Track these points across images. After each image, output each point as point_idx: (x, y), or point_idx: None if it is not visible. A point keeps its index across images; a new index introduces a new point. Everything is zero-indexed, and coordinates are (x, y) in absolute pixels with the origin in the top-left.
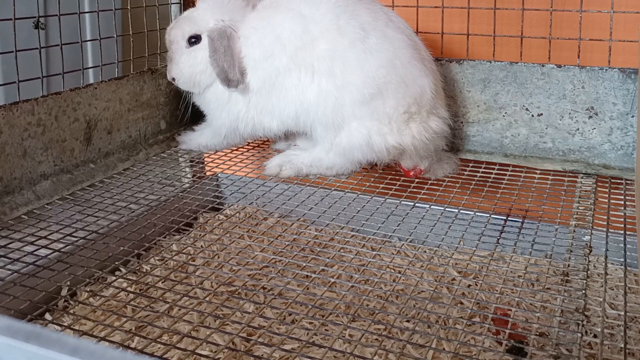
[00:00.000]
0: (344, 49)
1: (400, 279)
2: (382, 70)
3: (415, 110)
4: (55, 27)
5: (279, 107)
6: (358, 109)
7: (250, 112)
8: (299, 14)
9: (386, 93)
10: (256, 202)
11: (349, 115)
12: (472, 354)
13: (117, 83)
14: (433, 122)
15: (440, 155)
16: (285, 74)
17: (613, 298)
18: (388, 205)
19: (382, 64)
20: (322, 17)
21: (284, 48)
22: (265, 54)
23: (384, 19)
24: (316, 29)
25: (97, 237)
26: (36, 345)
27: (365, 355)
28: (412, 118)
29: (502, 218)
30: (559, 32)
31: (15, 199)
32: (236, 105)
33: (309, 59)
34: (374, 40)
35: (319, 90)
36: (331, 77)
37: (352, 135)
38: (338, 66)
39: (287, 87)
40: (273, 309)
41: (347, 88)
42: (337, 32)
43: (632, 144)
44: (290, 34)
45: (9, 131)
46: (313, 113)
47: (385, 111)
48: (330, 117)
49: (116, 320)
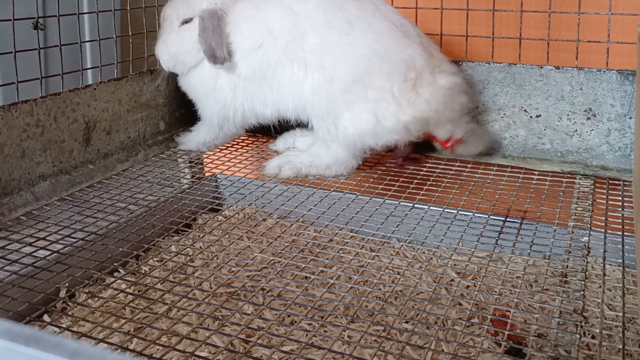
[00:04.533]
0: (332, 42)
1: (399, 280)
2: (363, 59)
3: (415, 75)
4: (54, 28)
5: (272, 98)
6: (347, 95)
7: (238, 99)
8: (288, 8)
9: (370, 74)
10: (255, 203)
11: (341, 103)
12: (470, 355)
13: (116, 84)
14: (441, 79)
15: (474, 128)
16: (277, 67)
17: (611, 299)
18: (387, 206)
19: (363, 53)
20: (311, 11)
21: (275, 41)
22: (255, 44)
23: (371, 10)
24: (306, 23)
25: (95, 238)
26: (36, 348)
27: (365, 357)
28: (417, 84)
29: (500, 219)
30: (557, 33)
31: (14, 200)
32: (222, 92)
33: (301, 53)
34: (358, 32)
35: (312, 85)
36: (322, 70)
37: (357, 123)
38: (327, 59)
39: (280, 80)
40: (272, 310)
41: (334, 80)
42: (325, 26)
43: (629, 145)
44: (280, 27)
45: (7, 132)
46: (310, 107)
47: (380, 87)
48: (325, 110)
49: (115, 321)
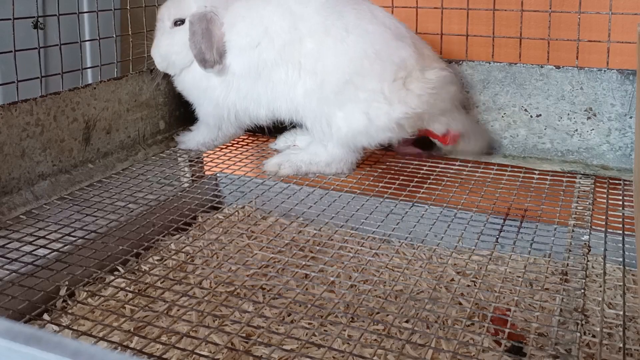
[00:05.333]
0: (327, 49)
1: (399, 278)
2: (354, 62)
3: (405, 74)
4: (54, 27)
5: (266, 98)
6: (339, 96)
7: (230, 97)
8: (288, 10)
9: (361, 75)
10: (255, 202)
11: (333, 104)
12: (471, 354)
13: (116, 83)
14: (430, 74)
15: (473, 127)
16: (272, 68)
17: (612, 298)
18: (387, 204)
19: (354, 57)
20: (310, 16)
21: (272, 42)
22: (252, 43)
23: (368, 17)
24: (304, 28)
25: (95, 237)
26: (37, 348)
27: (365, 355)
28: (406, 82)
29: (500, 218)
30: (557, 33)
31: (14, 199)
32: (214, 90)
33: (297, 56)
34: (353, 39)
35: (305, 89)
36: (314, 75)
37: (350, 123)
38: (320, 66)
39: (275, 80)
40: (272, 309)
41: (324, 85)
42: (323, 32)
43: (630, 144)
44: (278, 28)
45: (7, 131)
46: (302, 109)
47: (371, 87)
48: (316, 111)
49: (115, 320)
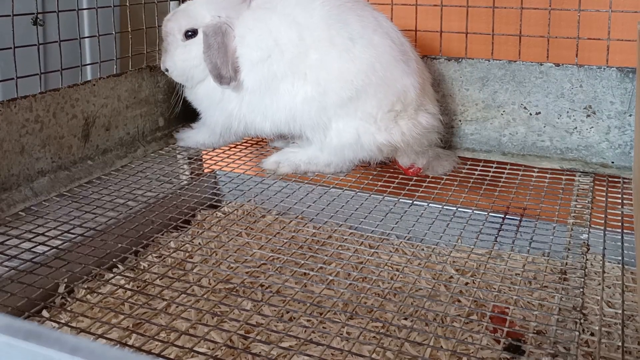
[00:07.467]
0: (332, 60)
1: (398, 276)
2: (361, 75)
3: (401, 108)
4: (53, 24)
5: (271, 110)
6: (340, 110)
7: (242, 110)
8: (294, 21)
9: (365, 95)
10: (254, 200)
11: (332, 116)
12: (469, 352)
13: (116, 80)
14: (422, 118)
15: (438, 153)
16: (281, 79)
17: (610, 296)
18: (386, 202)
19: (362, 69)
20: (315, 26)
21: (282, 54)
22: (263, 56)
23: (373, 26)
24: (310, 38)
25: (94, 234)
26: (36, 344)
27: (363, 353)
28: (399, 116)
29: (500, 216)
30: (557, 31)
31: (13, 195)
32: (229, 103)
33: (302, 67)
34: (359, 49)
35: (304, 97)
36: (317, 85)
37: (341, 135)
38: (323, 75)
39: (281, 92)
40: (271, 307)
41: (327, 94)
42: (328, 42)
43: (629, 142)
44: (287, 40)
45: (6, 128)
46: (299, 117)
47: (368, 111)
48: (314, 120)
49: (114, 317)
